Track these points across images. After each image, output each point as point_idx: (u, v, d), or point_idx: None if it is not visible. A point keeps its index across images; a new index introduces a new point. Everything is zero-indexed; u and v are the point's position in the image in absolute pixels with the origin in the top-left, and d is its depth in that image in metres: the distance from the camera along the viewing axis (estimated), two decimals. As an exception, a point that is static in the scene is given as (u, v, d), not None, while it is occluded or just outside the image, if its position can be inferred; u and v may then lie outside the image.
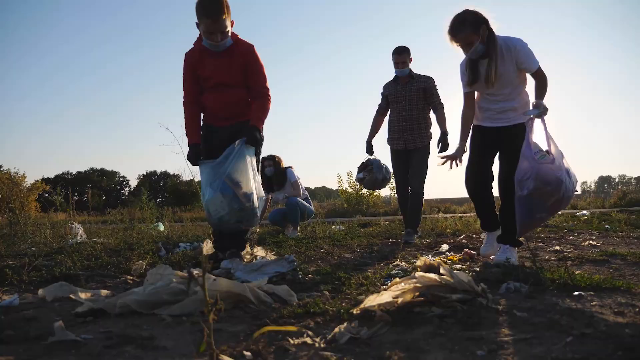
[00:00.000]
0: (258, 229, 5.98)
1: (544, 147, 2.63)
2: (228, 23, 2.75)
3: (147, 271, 2.29)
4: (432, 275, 1.60)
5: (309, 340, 1.30)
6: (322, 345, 1.27)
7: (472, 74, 2.92)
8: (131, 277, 2.49)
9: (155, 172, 54.18)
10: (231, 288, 1.70)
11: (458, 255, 3.35)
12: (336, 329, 1.37)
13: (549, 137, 2.60)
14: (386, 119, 4.82)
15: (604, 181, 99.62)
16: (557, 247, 3.77)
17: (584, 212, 10.33)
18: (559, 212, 8.10)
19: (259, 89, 2.94)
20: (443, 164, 3.11)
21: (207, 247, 3.76)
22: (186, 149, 3.01)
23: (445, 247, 3.96)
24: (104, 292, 2.00)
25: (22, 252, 3.91)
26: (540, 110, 2.67)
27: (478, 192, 3.11)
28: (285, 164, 5.86)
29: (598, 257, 3.04)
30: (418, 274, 1.62)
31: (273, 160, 5.71)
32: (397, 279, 1.82)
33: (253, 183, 2.75)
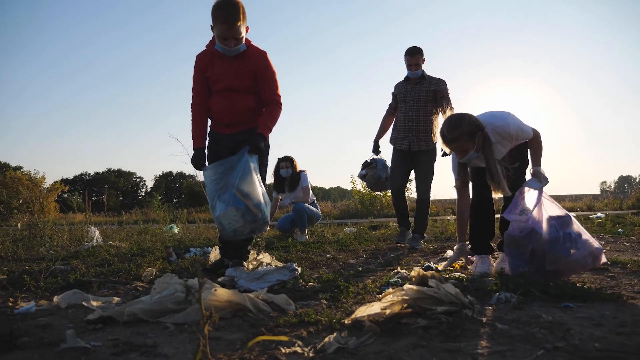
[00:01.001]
0: (268, 228, 6.08)
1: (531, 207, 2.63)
2: (243, 29, 2.80)
3: (156, 278, 2.42)
4: (420, 288, 1.68)
5: (299, 349, 1.40)
6: (310, 355, 1.36)
7: (475, 173, 2.95)
8: (141, 284, 2.61)
9: (171, 172, 54.84)
10: (231, 298, 1.80)
11: (460, 262, 3.41)
12: (326, 339, 1.46)
13: (540, 204, 2.60)
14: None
15: (624, 181, 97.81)
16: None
17: (599, 214, 10.24)
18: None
19: (270, 97, 2.98)
20: (445, 268, 3.06)
21: (215, 253, 3.89)
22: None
23: (449, 252, 4.01)
24: (114, 299, 2.12)
25: (40, 256, 4.09)
26: (542, 184, 2.69)
27: (490, 208, 3.14)
28: (299, 166, 5.95)
29: (599, 265, 3.07)
30: (406, 286, 1.70)
31: (290, 162, 5.78)
32: (390, 290, 1.91)
33: (260, 191, 2.80)
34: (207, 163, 3.05)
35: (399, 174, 4.64)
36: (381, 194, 15.16)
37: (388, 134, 4.87)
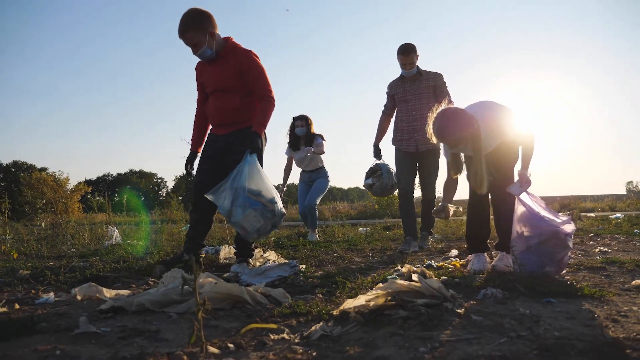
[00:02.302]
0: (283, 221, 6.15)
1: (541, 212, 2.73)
2: (199, 36, 3.01)
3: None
4: (403, 282, 1.80)
5: (286, 336, 1.54)
6: (296, 341, 1.50)
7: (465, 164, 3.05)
8: (152, 279, 2.78)
9: (190, 173, 55.60)
10: (230, 291, 1.95)
11: (462, 260, 3.50)
12: (313, 328, 1.60)
13: (543, 207, 2.73)
14: (392, 120, 4.64)
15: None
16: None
17: (618, 214, 10.13)
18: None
19: (261, 92, 3.14)
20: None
21: (225, 251, 4.05)
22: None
23: (454, 252, 4.10)
24: (125, 292, 2.30)
25: (62, 253, 4.32)
26: (523, 189, 2.77)
27: (485, 207, 3.23)
28: (315, 127, 5.94)
29: (597, 264, 3.13)
30: (391, 280, 1.82)
31: (305, 121, 5.80)
32: (380, 285, 2.03)
33: (269, 184, 2.93)
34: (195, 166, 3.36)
35: (406, 177, 4.49)
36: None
37: (388, 137, 4.77)
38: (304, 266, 3.16)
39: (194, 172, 3.36)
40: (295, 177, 7.00)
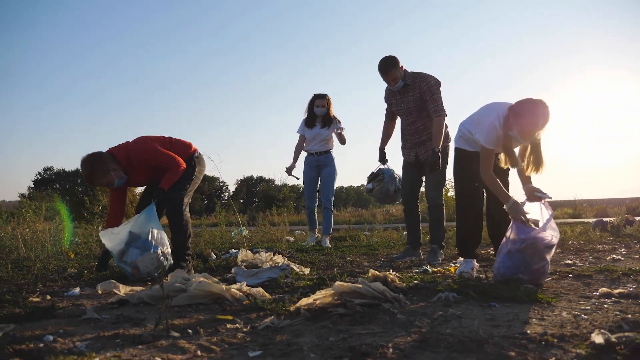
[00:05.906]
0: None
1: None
2: (106, 179, 3.42)
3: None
4: (348, 284, 2.10)
5: (238, 326, 1.89)
6: (244, 330, 1.85)
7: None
8: (167, 279, 3.24)
9: (252, 177, 57.37)
10: (211, 289, 2.34)
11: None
12: (265, 320, 1.94)
13: (549, 214, 2.92)
14: (398, 124, 4.49)
15: None
16: (569, 261, 3.91)
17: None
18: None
19: (165, 167, 3.55)
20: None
21: (242, 254, 4.50)
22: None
23: (461, 258, 4.25)
24: (139, 287, 2.75)
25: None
26: (547, 195, 2.98)
27: (480, 214, 3.43)
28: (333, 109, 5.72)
29: (588, 272, 3.20)
30: (337, 283, 2.13)
31: (326, 101, 5.62)
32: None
33: (164, 236, 3.45)
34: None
35: (407, 184, 4.39)
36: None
37: (394, 142, 4.69)
38: (308, 270, 3.49)
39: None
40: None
